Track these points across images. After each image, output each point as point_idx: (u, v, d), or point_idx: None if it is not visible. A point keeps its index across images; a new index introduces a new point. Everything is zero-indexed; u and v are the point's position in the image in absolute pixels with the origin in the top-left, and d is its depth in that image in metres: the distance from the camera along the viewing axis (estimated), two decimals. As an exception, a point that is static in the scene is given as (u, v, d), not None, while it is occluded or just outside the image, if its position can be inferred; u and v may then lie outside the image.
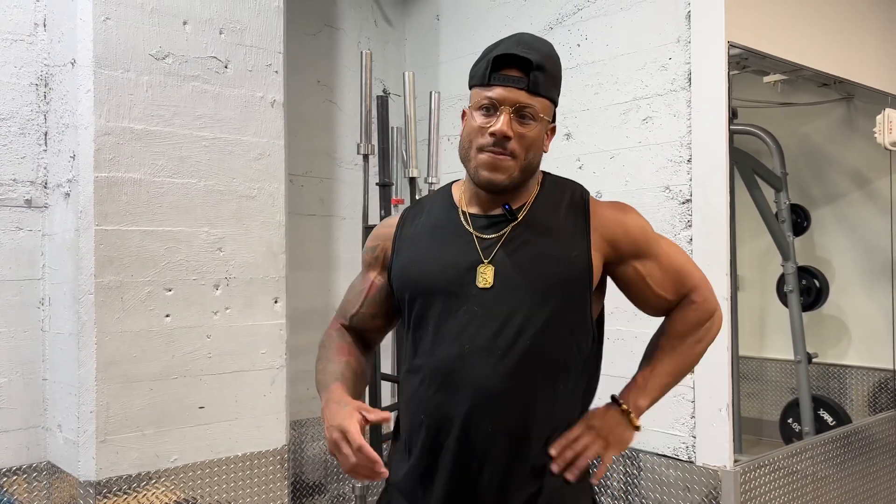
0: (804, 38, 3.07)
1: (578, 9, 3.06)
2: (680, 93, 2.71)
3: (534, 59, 1.37)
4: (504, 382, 1.38)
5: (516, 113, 1.38)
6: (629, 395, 1.50)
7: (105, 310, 2.48)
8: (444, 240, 1.47)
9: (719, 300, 1.61)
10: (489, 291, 1.40)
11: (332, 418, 1.38)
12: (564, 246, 1.43)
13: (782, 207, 3.99)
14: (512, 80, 1.38)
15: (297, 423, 3.39)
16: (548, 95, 1.41)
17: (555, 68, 1.43)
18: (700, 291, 1.53)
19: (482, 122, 1.39)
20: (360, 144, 2.94)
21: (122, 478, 2.50)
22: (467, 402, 1.37)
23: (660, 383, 1.52)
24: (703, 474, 2.59)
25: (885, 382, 4.16)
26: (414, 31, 3.91)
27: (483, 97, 1.39)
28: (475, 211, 1.48)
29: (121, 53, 2.53)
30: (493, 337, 1.38)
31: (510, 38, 1.42)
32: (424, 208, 1.56)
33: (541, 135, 1.42)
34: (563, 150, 3.09)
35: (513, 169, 1.40)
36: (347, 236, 3.64)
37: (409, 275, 1.48)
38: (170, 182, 2.62)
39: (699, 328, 1.52)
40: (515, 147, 1.38)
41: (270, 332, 2.85)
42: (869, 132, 3.55)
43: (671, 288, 1.51)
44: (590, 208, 1.47)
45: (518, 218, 1.44)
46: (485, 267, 1.41)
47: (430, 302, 1.44)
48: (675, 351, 1.52)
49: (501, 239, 1.43)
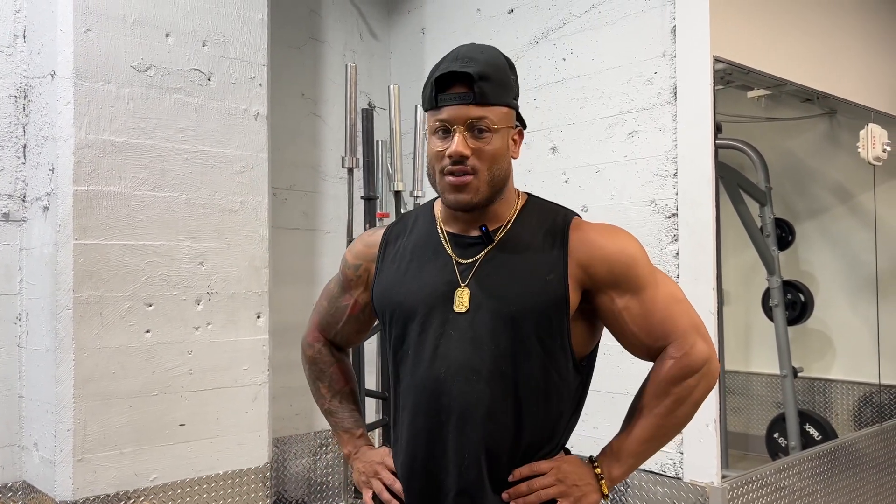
0: (788, 54, 3.08)
1: (564, 23, 3.06)
2: (665, 107, 2.71)
3: (473, 70, 1.33)
4: (479, 406, 1.35)
5: (469, 129, 1.34)
6: (604, 461, 1.42)
7: (83, 325, 2.43)
8: (423, 262, 1.46)
9: (706, 314, 1.54)
10: (465, 316, 1.38)
11: (366, 457, 1.55)
12: (540, 270, 1.39)
13: (767, 222, 4.00)
14: (458, 97, 1.34)
15: (279, 440, 3.34)
16: (500, 102, 1.37)
17: (500, 73, 1.38)
18: (681, 343, 1.39)
19: (439, 146, 1.37)
20: (344, 158, 2.92)
21: (100, 497, 2.44)
22: (443, 426, 1.36)
23: (636, 450, 1.40)
24: (691, 491, 2.57)
25: (870, 396, 4.17)
26: (399, 44, 3.90)
27: (435, 121, 1.37)
28: (454, 230, 1.46)
29: (101, 65, 2.50)
30: (467, 361, 1.36)
31: (449, 56, 1.39)
32: (407, 226, 1.54)
33: (503, 144, 1.38)
34: (549, 165, 3.08)
35: (477, 186, 1.36)
36: (332, 250, 3.61)
37: (390, 297, 1.47)
38: (151, 195, 2.59)
39: (677, 385, 1.38)
40: (475, 163, 1.35)
41: (253, 348, 2.81)
42: (852, 147, 3.57)
43: (647, 330, 1.40)
44: (569, 233, 1.42)
45: (494, 240, 1.42)
46: (461, 291, 1.39)
47: (409, 325, 1.43)
48: (653, 414, 1.39)
49: (478, 261, 1.41)
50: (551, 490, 1.37)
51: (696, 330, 1.41)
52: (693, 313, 1.43)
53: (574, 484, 1.38)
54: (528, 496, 1.37)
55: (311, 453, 3.48)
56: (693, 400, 1.40)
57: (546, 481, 1.37)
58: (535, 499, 1.36)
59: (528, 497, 1.37)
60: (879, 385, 4.08)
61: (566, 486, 1.38)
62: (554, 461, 1.40)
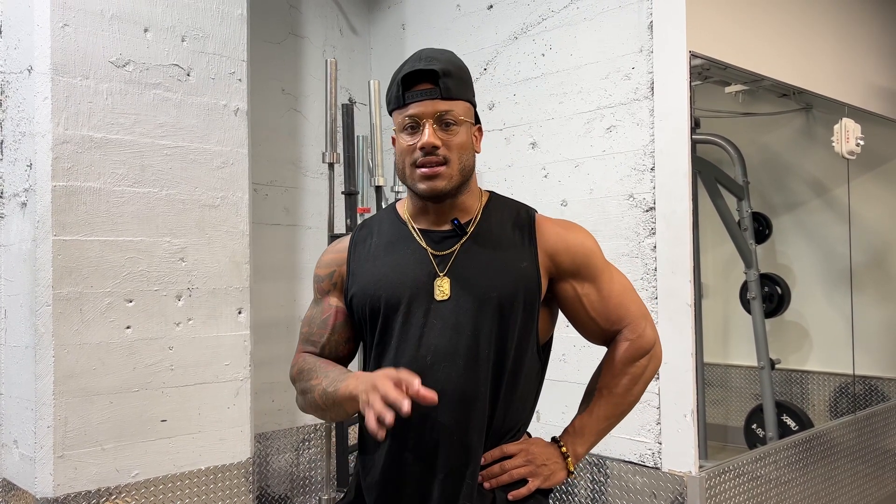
0: (765, 49, 3.12)
1: (543, 19, 3.08)
2: (643, 102, 2.73)
3: (438, 67, 1.43)
4: (465, 390, 1.41)
5: (438, 122, 1.43)
6: (568, 440, 1.54)
7: (63, 322, 2.42)
8: (399, 256, 1.50)
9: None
10: (446, 303, 1.44)
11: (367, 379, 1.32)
12: (514, 258, 1.48)
13: (744, 216, 4.05)
14: (425, 93, 1.43)
15: (261, 435, 3.35)
16: (463, 97, 1.47)
17: (461, 72, 1.48)
18: (634, 327, 1.54)
19: (409, 140, 1.45)
20: (325, 153, 2.92)
21: (81, 494, 2.44)
22: (431, 411, 1.38)
23: (597, 428, 1.54)
24: (669, 480, 2.60)
25: (845, 387, 4.24)
26: (379, 39, 3.90)
27: (404, 118, 1.45)
28: (425, 226, 1.52)
29: (79, 60, 2.48)
30: (452, 347, 1.42)
31: (412, 57, 1.48)
32: (373, 230, 1.58)
33: (468, 136, 1.48)
34: (529, 159, 3.10)
35: (450, 174, 1.44)
36: (313, 246, 3.61)
37: (370, 292, 1.49)
38: (131, 191, 2.58)
39: (632, 365, 1.54)
40: (446, 153, 1.44)
41: (234, 344, 2.81)
42: (827, 141, 3.62)
43: (605, 315, 1.53)
44: (535, 225, 1.53)
45: (468, 232, 1.49)
46: (441, 280, 1.45)
47: (392, 316, 1.46)
48: (612, 393, 1.54)
49: (454, 252, 1.47)
50: (522, 470, 1.48)
51: (645, 317, 1.57)
52: (641, 302, 1.59)
53: (543, 464, 1.49)
54: (500, 476, 1.46)
55: (294, 448, 3.49)
56: (645, 378, 1.56)
57: (517, 462, 1.48)
58: (508, 478, 1.46)
59: (501, 477, 1.46)
60: (854, 376, 4.14)
61: (535, 465, 1.49)
62: (521, 443, 1.51)
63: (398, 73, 1.47)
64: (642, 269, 2.70)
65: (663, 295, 2.64)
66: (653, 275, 2.68)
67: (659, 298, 2.64)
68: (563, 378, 2.77)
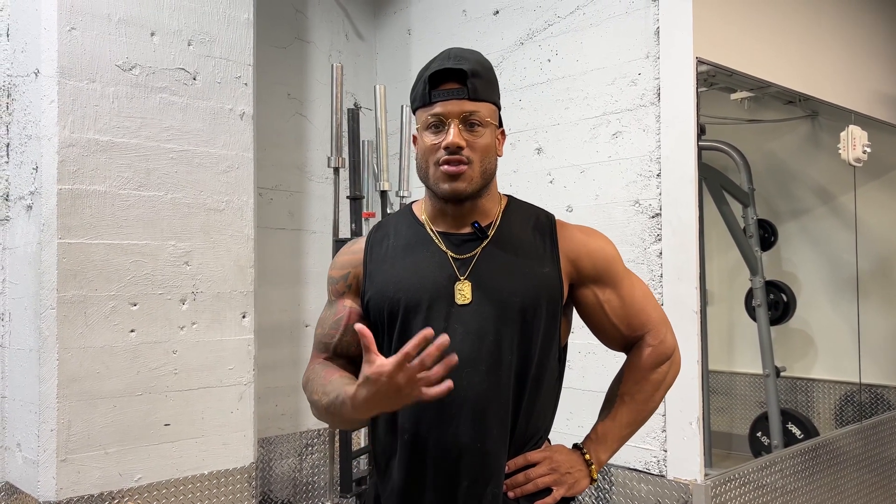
0: (771, 56, 3.12)
1: (549, 24, 3.08)
2: (649, 108, 2.73)
3: (467, 67, 1.40)
4: (488, 397, 1.38)
5: (463, 122, 1.40)
6: (591, 447, 1.51)
7: (67, 325, 2.42)
8: (418, 258, 1.47)
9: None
10: (468, 308, 1.41)
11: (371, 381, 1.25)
12: (536, 263, 1.46)
13: (750, 222, 4.04)
14: (452, 92, 1.40)
15: (264, 440, 3.34)
16: (490, 99, 1.44)
17: (489, 73, 1.46)
18: (656, 333, 1.53)
19: (433, 139, 1.42)
20: (330, 158, 2.92)
21: (84, 498, 2.43)
22: (452, 416, 1.37)
23: (619, 435, 1.53)
24: (675, 488, 2.59)
25: (851, 395, 4.22)
26: (385, 44, 3.91)
27: (429, 116, 1.42)
28: (444, 228, 1.49)
29: (86, 64, 2.49)
30: (475, 352, 1.39)
31: (440, 56, 1.45)
32: (389, 231, 1.55)
33: (492, 139, 1.45)
34: (534, 165, 3.10)
35: (472, 175, 1.41)
36: (317, 250, 3.61)
37: (389, 294, 1.45)
38: (136, 195, 2.58)
39: (654, 371, 1.52)
40: (469, 154, 1.41)
41: (238, 348, 2.81)
42: (833, 148, 3.61)
43: (626, 321, 1.52)
44: (556, 229, 1.50)
45: (489, 235, 1.46)
46: (462, 283, 1.42)
47: (412, 319, 1.43)
48: (634, 399, 1.52)
49: (476, 256, 1.44)
50: (547, 479, 1.44)
51: (665, 323, 1.56)
52: (661, 308, 1.58)
53: (567, 472, 1.47)
54: (525, 485, 1.43)
55: (297, 453, 3.48)
56: (665, 384, 1.54)
57: (541, 470, 1.45)
58: (533, 487, 1.43)
59: (526, 486, 1.43)
60: (860, 384, 4.12)
61: (560, 473, 1.46)
62: (545, 451, 1.47)
63: (425, 70, 1.44)
64: (648, 276, 2.69)
65: (669, 301, 2.62)
66: (658, 281, 2.67)
67: (665, 305, 2.63)
68: (568, 384, 2.74)
